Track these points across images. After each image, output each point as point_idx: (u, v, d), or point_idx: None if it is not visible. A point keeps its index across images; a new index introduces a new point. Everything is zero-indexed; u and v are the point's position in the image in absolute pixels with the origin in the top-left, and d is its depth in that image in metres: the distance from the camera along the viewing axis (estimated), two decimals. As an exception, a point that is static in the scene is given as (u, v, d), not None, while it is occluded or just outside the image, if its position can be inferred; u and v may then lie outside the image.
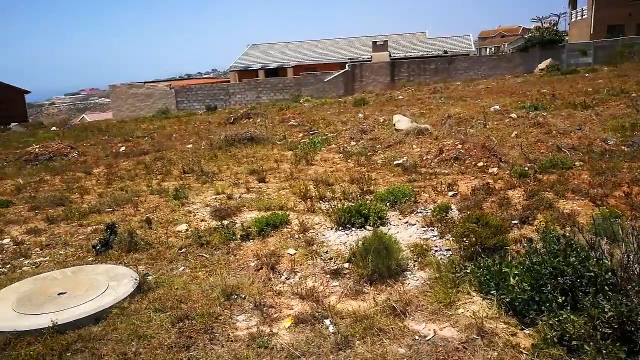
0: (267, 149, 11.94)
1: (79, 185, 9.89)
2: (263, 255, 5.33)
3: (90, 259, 5.81)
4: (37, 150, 13.43)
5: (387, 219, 6.29)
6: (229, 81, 37.36)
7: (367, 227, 5.96)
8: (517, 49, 34.60)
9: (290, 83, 30.75)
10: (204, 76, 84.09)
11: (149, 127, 19.48)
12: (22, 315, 4.31)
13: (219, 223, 6.50)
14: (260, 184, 8.74)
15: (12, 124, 33.95)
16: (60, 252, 6.15)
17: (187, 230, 6.52)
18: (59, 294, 4.65)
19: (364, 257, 4.74)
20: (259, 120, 16.81)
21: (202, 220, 6.92)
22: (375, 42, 33.17)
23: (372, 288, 4.56)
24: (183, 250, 5.86)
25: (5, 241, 6.65)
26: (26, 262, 5.93)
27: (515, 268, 4.07)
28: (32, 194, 9.32)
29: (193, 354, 3.69)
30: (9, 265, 5.86)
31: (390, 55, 32.62)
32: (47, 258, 6.00)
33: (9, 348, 3.94)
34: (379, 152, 10.48)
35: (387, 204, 6.70)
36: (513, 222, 5.72)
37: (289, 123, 15.41)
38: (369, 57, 33.07)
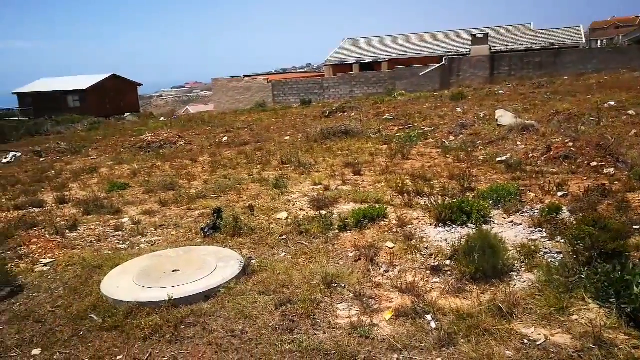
0: (361, 142, 11.96)
1: (186, 171, 10.56)
2: (362, 247, 5.37)
3: (198, 241, 6.19)
4: (149, 138, 14.54)
5: (491, 217, 6.04)
6: (323, 75, 37.85)
7: (469, 224, 5.77)
8: (633, 40, 31.56)
9: (385, 77, 30.50)
10: (298, 71, 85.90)
11: (247, 119, 20.30)
12: (142, 287, 4.70)
13: (317, 213, 6.64)
14: (355, 176, 8.79)
15: (126, 114, 37.02)
16: (172, 233, 6.62)
17: (287, 218, 6.72)
18: (173, 271, 5.01)
19: (468, 255, 4.60)
20: (353, 114, 16.88)
21: (300, 209, 7.10)
22: (475, 35, 31.84)
23: (475, 287, 4.41)
24: (284, 237, 6.05)
25: (124, 220, 7.28)
26: (143, 240, 6.46)
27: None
28: (146, 179, 10.11)
29: (297, 337, 3.81)
30: (128, 242, 6.41)
31: (490, 49, 31.19)
32: (161, 237, 6.49)
33: (131, 317, 4.31)
34: (479, 148, 10.09)
35: (490, 202, 6.44)
36: (634, 227, 5.25)
37: (384, 117, 15.31)
38: (467, 50, 31.85)
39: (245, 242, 6.00)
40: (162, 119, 27.99)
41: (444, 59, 30.24)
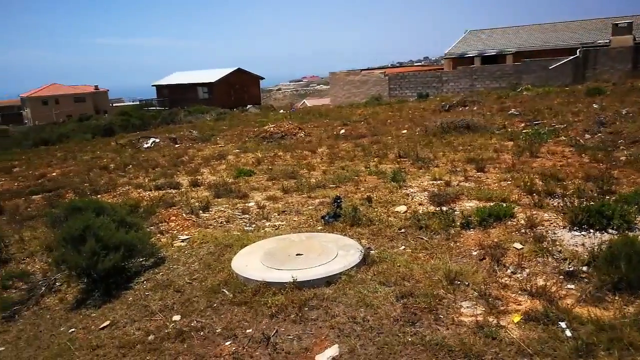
0: (484, 138, 11.44)
1: (306, 162, 10.91)
2: (486, 246, 5.15)
3: (319, 228, 6.38)
4: (272, 129, 15.25)
5: (636, 223, 5.45)
6: (442, 69, 36.77)
7: (610, 230, 5.27)
8: None
9: (510, 70, 28.84)
10: (415, 64, 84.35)
11: (363, 113, 20.41)
12: (268, 268, 4.96)
13: (438, 208, 6.49)
14: (478, 173, 8.43)
15: (249, 105, 39.17)
16: (294, 219, 6.89)
17: (405, 211, 6.66)
18: (296, 255, 5.22)
19: (610, 263, 4.20)
20: (475, 108, 16.20)
21: (420, 204, 6.99)
22: (617, 24, 28.79)
23: (617, 297, 4.02)
24: (402, 230, 6.01)
25: (250, 204, 7.73)
26: (267, 224, 6.81)
27: None
28: (269, 167, 10.63)
29: (419, 330, 3.78)
30: (254, 225, 6.79)
31: (634, 39, 28.00)
32: (284, 223, 6.78)
33: (259, 294, 4.58)
34: (621, 148, 9.14)
35: (635, 207, 5.81)
36: None
37: (509, 112, 14.48)
38: (606, 41, 28.92)
39: (363, 232, 6.05)
40: (281, 111, 29.23)
41: (577, 50, 27.79)
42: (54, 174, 12.56)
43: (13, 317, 5.20)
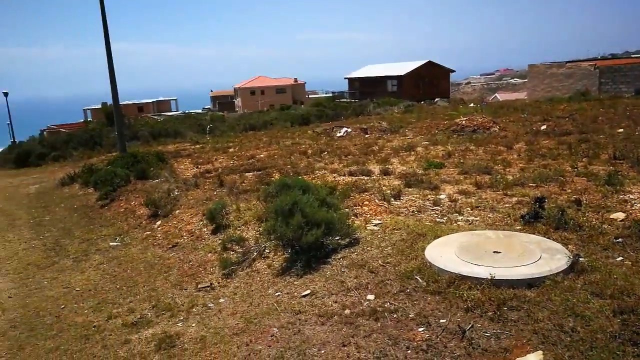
0: None
1: (501, 157, 10.32)
2: None
3: (517, 227, 6.00)
4: (463, 122, 14.77)
5: None
6: (671, 60, 31.18)
7: None
8: None
9: None
10: (632, 55, 72.86)
11: (567, 108, 18.43)
12: (463, 261, 4.85)
13: (667, 220, 5.56)
14: None
15: (436, 99, 38.53)
16: (489, 215, 6.59)
17: (623, 220, 5.86)
18: (494, 252, 5.00)
19: None
20: None
21: (643, 213, 6.08)
22: None
23: None
24: (619, 240, 5.30)
25: (442, 196, 7.62)
26: (459, 217, 6.64)
27: None
28: (461, 160, 10.33)
29: (643, 352, 3.32)
30: (446, 217, 6.69)
31: None
32: (477, 218, 6.54)
33: (453, 286, 4.51)
34: None
35: None
36: None
37: None
38: None
39: (570, 237, 5.50)
40: (471, 105, 28.08)
41: None
42: (261, 155, 14.07)
43: (230, 275, 6.02)
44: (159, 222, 8.54)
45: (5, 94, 40.10)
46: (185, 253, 7.03)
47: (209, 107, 75.46)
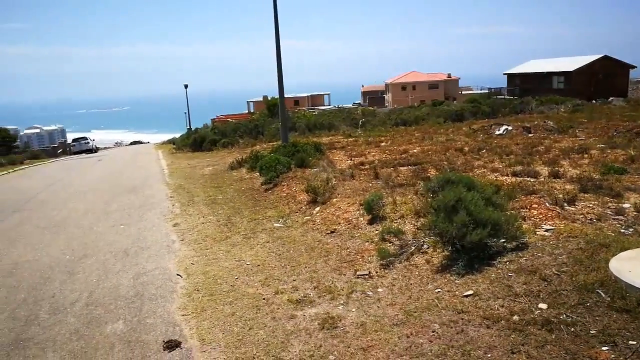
0: None
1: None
2: None
3: None
4: (650, 124, 12.93)
5: None
6: None
7: None
8: None
9: None
10: None
11: None
12: (658, 279, 4.26)
13: None
14: None
15: (611, 98, 34.36)
16: (689, 231, 5.69)
17: None
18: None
19: None
20: None
21: None
22: None
23: None
24: None
25: (626, 205, 6.78)
26: (649, 230, 5.85)
27: None
28: (647, 167, 9.08)
29: None
30: (632, 228, 5.93)
31: None
32: (674, 233, 5.69)
33: (648, 306, 3.99)
34: None
35: None
36: None
37: None
38: None
39: None
40: (657, 105, 24.46)
41: None
42: (414, 150, 13.94)
43: (388, 266, 6.06)
44: (317, 208, 8.95)
45: (185, 86, 45.46)
46: (343, 240, 7.26)
47: (359, 102, 76.94)
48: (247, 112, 69.02)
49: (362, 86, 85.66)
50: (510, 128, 16.70)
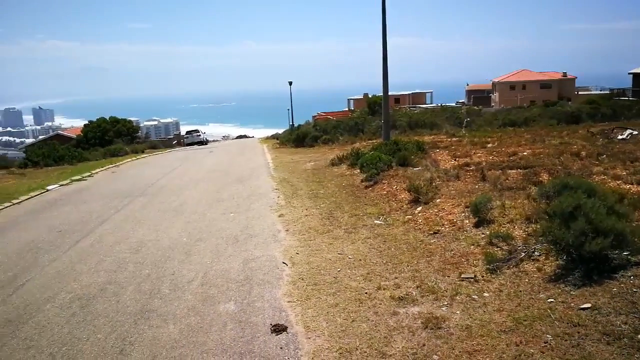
0: None
1: None
2: None
3: None
4: None
5: None
6: None
7: None
8: None
9: None
10: None
11: None
12: None
13: None
14: None
15: None
16: None
17: None
18: None
19: None
20: None
21: None
22: None
23: None
24: None
25: None
26: None
27: None
28: None
29: None
30: None
31: None
32: None
33: None
34: None
35: None
36: None
37: None
38: None
39: None
40: None
41: None
42: (524, 153, 13.22)
43: (495, 271, 5.86)
44: (419, 208, 8.86)
45: (290, 83, 46.93)
46: (447, 241, 7.13)
47: (462, 100, 74.33)
48: (347, 109, 69.67)
49: (467, 84, 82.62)
50: (635, 132, 15.24)
